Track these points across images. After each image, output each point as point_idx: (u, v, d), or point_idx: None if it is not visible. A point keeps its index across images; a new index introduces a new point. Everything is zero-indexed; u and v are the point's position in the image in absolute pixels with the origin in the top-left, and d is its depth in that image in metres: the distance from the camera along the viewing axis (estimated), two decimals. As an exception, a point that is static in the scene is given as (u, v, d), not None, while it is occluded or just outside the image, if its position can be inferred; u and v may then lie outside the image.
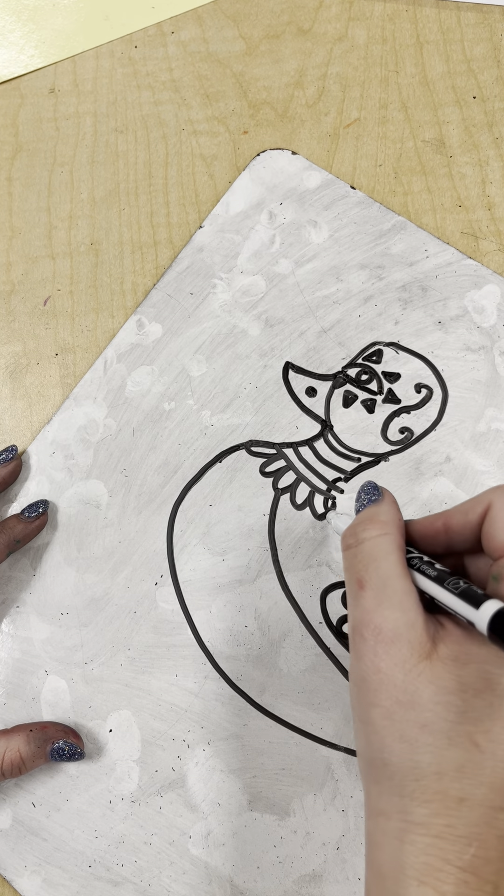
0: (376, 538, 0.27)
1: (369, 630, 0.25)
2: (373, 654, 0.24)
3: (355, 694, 0.25)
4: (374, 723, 0.24)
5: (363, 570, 0.26)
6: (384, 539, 0.27)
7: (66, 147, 0.46)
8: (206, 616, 0.37)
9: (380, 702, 0.24)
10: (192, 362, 0.41)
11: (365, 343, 0.40)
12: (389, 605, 0.25)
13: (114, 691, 0.36)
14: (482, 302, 0.40)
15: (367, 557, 0.26)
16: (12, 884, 0.34)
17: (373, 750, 0.24)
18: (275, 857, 0.34)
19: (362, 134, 0.44)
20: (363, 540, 0.27)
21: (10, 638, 0.37)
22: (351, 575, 0.27)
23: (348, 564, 0.27)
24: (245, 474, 0.39)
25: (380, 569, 0.26)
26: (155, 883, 0.34)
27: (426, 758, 0.23)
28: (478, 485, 0.37)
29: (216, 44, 0.47)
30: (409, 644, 0.24)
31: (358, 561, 0.26)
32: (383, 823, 0.24)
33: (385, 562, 0.26)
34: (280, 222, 0.42)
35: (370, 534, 0.27)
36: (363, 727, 0.25)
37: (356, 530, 0.27)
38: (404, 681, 0.24)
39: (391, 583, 0.25)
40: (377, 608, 0.25)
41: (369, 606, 0.25)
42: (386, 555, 0.26)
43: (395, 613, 0.25)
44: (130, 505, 0.39)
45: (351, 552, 0.27)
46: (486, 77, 0.44)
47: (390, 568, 0.26)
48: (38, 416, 0.41)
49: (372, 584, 0.25)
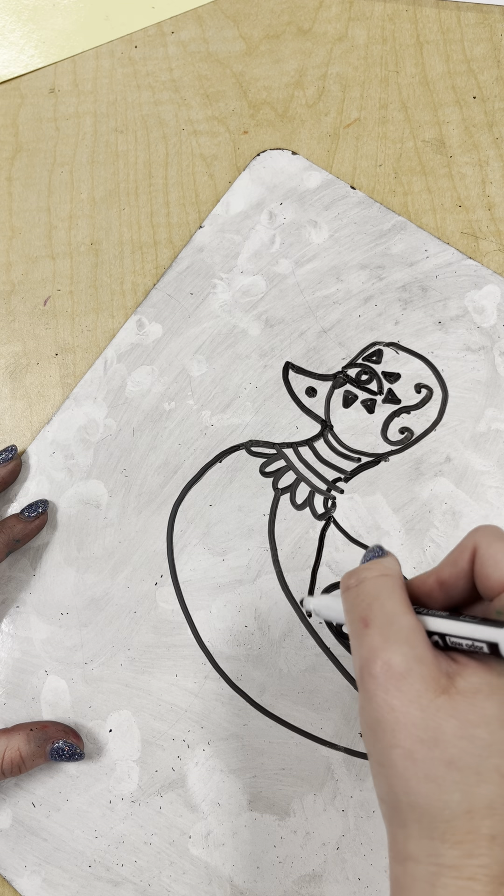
0: (378, 577, 0.26)
1: (378, 666, 0.23)
2: (384, 693, 0.23)
3: (370, 738, 0.24)
4: (394, 765, 0.23)
5: (367, 609, 0.25)
6: (386, 579, 0.26)
7: (66, 147, 0.46)
8: (206, 616, 0.37)
9: (399, 742, 0.23)
10: (192, 362, 0.41)
11: (365, 343, 0.40)
12: (397, 641, 0.24)
13: (114, 691, 0.36)
14: (482, 302, 0.40)
15: (369, 596, 0.25)
16: (12, 884, 0.34)
17: (396, 794, 0.23)
18: (275, 857, 0.34)
19: (362, 134, 0.44)
20: (364, 579, 0.26)
21: (10, 638, 0.37)
22: (354, 615, 0.25)
23: (350, 605, 0.26)
24: (245, 474, 0.39)
25: (384, 606, 0.25)
26: (155, 883, 0.34)
27: (455, 797, 0.22)
28: (478, 485, 0.37)
29: (216, 44, 0.47)
30: (423, 679, 0.23)
31: (360, 600, 0.25)
32: (412, 868, 0.23)
33: (389, 599, 0.25)
34: (280, 222, 0.42)
35: (372, 573, 0.26)
36: (383, 770, 0.23)
37: (357, 571, 0.27)
38: (423, 717, 0.22)
39: (397, 619, 0.24)
40: (384, 644, 0.24)
41: (376, 644, 0.24)
42: (390, 592, 0.25)
43: (403, 648, 0.23)
44: (130, 505, 0.39)
45: (352, 592, 0.26)
46: (486, 77, 0.44)
47: (395, 605, 0.25)
48: (38, 416, 0.41)
49: (377, 622, 0.24)
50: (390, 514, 0.37)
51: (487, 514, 0.37)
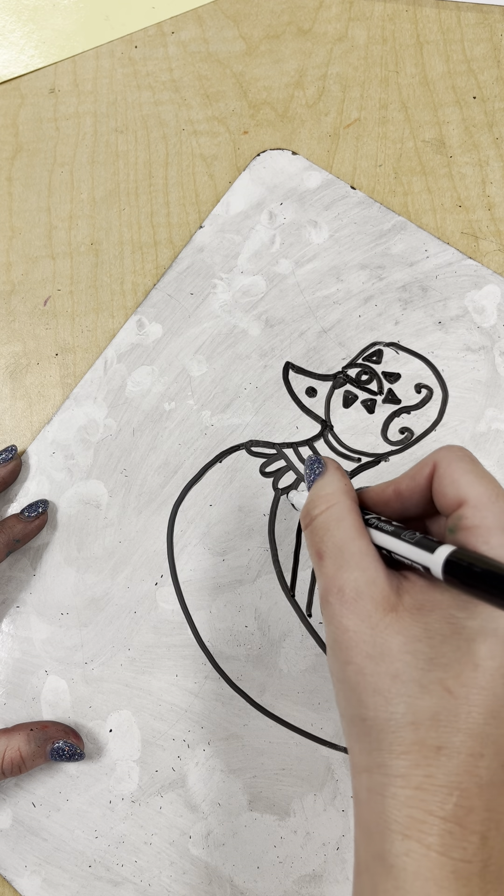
0: (325, 511, 0.27)
1: (333, 594, 0.25)
2: (339, 616, 0.25)
3: (330, 657, 0.25)
4: (348, 680, 0.24)
5: (319, 542, 0.27)
6: (333, 509, 0.27)
7: (66, 147, 0.45)
8: (206, 616, 0.37)
9: (351, 658, 0.24)
10: (192, 362, 0.41)
11: (365, 343, 0.40)
12: (347, 567, 0.25)
13: (114, 691, 0.36)
14: (482, 302, 0.40)
15: (320, 530, 0.27)
16: (12, 884, 0.34)
17: (350, 707, 0.24)
18: (275, 857, 0.34)
19: (362, 134, 0.44)
20: (314, 517, 0.28)
21: (10, 638, 0.37)
22: (311, 551, 0.27)
23: (308, 543, 0.28)
24: (245, 474, 0.39)
25: (334, 537, 0.26)
26: (155, 883, 0.34)
27: (400, 708, 0.23)
28: (478, 485, 0.37)
29: (216, 44, 0.47)
30: (373, 599, 0.24)
31: (314, 535, 0.27)
32: (366, 779, 0.24)
33: (337, 529, 0.26)
34: (280, 222, 0.42)
35: (319, 509, 0.28)
36: (340, 686, 0.25)
37: (308, 510, 0.28)
38: (372, 635, 0.24)
39: (347, 546, 0.26)
40: (337, 572, 0.25)
41: (330, 572, 0.26)
42: (337, 522, 0.27)
43: (354, 573, 0.25)
44: (130, 505, 0.39)
45: (307, 531, 0.28)
46: (486, 77, 0.44)
47: (343, 532, 0.26)
48: (38, 416, 0.41)
49: (329, 553, 0.26)
50: (390, 514, 0.37)
51: (487, 514, 0.37)
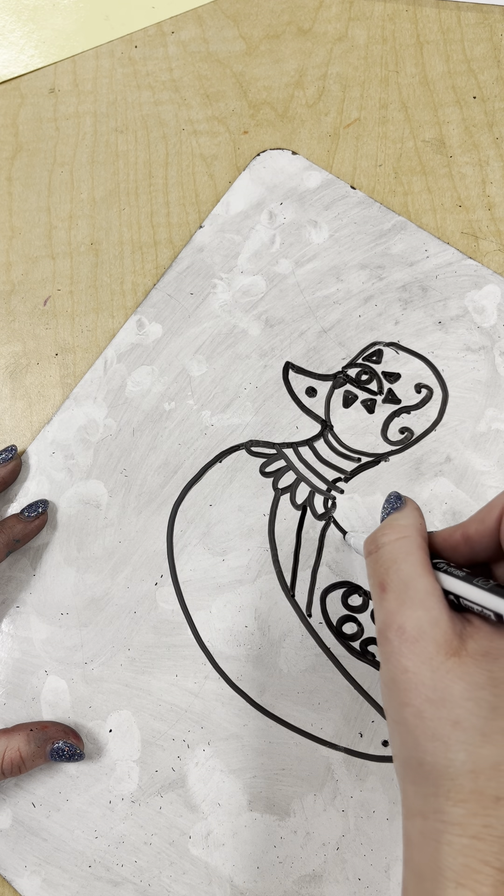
0: (395, 541, 0.27)
1: (393, 631, 0.24)
2: (399, 655, 0.24)
3: (386, 696, 0.25)
4: (406, 722, 0.24)
5: (384, 574, 0.26)
6: (404, 542, 0.27)
7: (66, 147, 0.45)
8: (206, 616, 0.37)
9: (410, 701, 0.23)
10: (192, 362, 0.41)
11: (365, 343, 0.40)
12: (412, 605, 0.25)
13: (114, 691, 0.36)
14: (482, 302, 0.40)
15: (387, 560, 0.26)
16: (12, 884, 0.34)
17: (407, 749, 0.24)
18: (275, 857, 0.34)
19: (362, 134, 0.44)
20: (382, 544, 0.27)
21: (10, 638, 0.37)
22: (373, 580, 0.26)
23: (370, 570, 0.27)
24: (245, 474, 0.39)
25: (400, 570, 0.26)
26: (155, 883, 0.34)
27: (460, 756, 0.22)
28: (478, 485, 0.37)
29: (216, 44, 0.47)
30: (435, 641, 0.24)
31: (379, 565, 0.26)
32: (420, 824, 0.23)
33: (405, 563, 0.26)
34: (280, 222, 0.42)
35: (389, 538, 0.27)
36: (396, 727, 0.24)
37: (376, 536, 0.27)
38: (433, 678, 0.23)
39: (413, 583, 0.25)
40: (399, 608, 0.25)
41: (392, 608, 0.25)
42: (406, 556, 0.26)
43: (417, 612, 0.24)
44: (130, 505, 0.39)
45: (372, 558, 0.27)
46: (486, 77, 0.44)
47: (411, 568, 0.25)
48: (38, 416, 0.41)
49: (393, 586, 0.25)
50: (390, 514, 0.37)
51: (487, 514, 0.37)
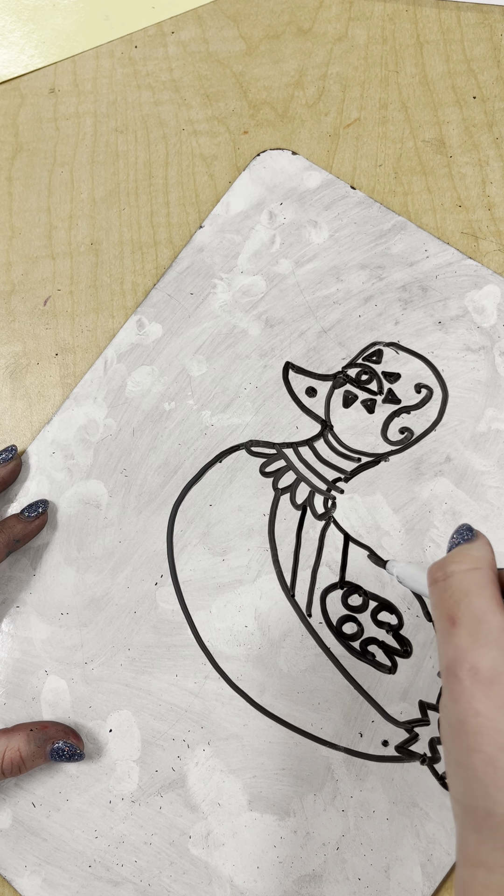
0: (467, 571, 0.25)
1: (464, 670, 0.23)
2: (470, 696, 0.22)
3: (451, 736, 0.23)
4: (474, 769, 0.22)
5: (454, 606, 0.24)
6: (476, 573, 0.25)
7: (66, 147, 0.46)
8: (206, 616, 0.37)
9: (481, 747, 0.22)
10: (192, 362, 0.41)
11: (365, 343, 0.40)
12: (486, 643, 0.23)
13: (114, 691, 0.36)
14: (482, 302, 0.40)
15: (457, 592, 0.24)
16: (12, 884, 0.34)
17: (474, 797, 0.22)
18: (275, 857, 0.34)
19: (362, 134, 0.44)
20: (452, 573, 0.25)
21: (10, 638, 0.37)
22: (441, 611, 0.25)
23: (437, 599, 0.25)
24: (245, 474, 0.39)
25: (472, 604, 0.24)
26: (155, 883, 0.34)
27: None
28: (478, 485, 0.37)
29: (216, 44, 0.47)
30: None
31: (448, 595, 0.25)
32: (484, 876, 0.22)
33: (478, 597, 0.24)
34: (280, 222, 0.42)
35: (461, 567, 0.25)
36: (462, 772, 0.23)
37: (445, 563, 0.26)
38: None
39: (487, 619, 0.23)
40: (472, 646, 0.23)
41: (463, 644, 0.23)
42: (479, 589, 0.24)
43: (493, 652, 0.23)
44: (130, 505, 0.39)
45: (439, 586, 0.25)
46: (486, 77, 0.44)
47: (484, 603, 0.24)
48: (38, 416, 0.41)
49: (465, 621, 0.24)
50: (390, 514, 0.37)
51: (487, 514, 0.37)
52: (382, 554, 0.37)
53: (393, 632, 0.36)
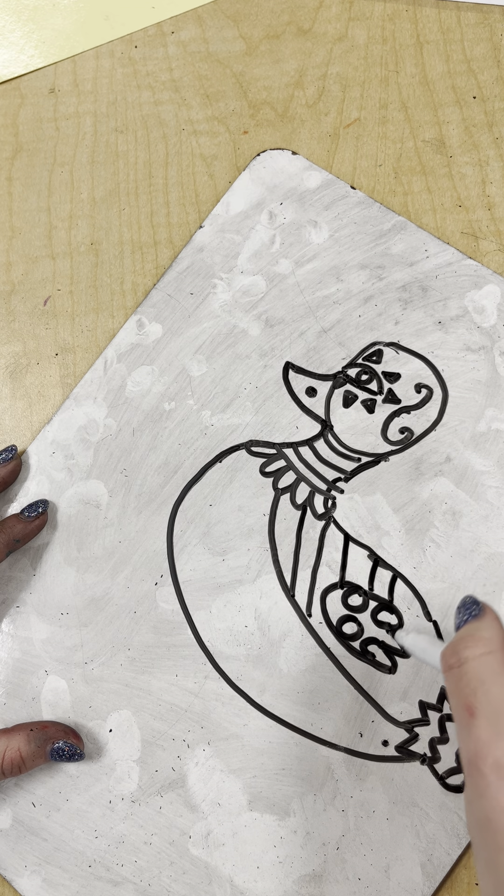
0: (481, 657, 0.24)
1: (488, 765, 0.22)
2: (495, 792, 0.21)
3: (477, 834, 0.22)
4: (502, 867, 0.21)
5: (471, 695, 0.23)
6: (490, 658, 0.24)
7: (66, 147, 0.46)
8: (206, 616, 0.37)
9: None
10: (192, 362, 0.41)
11: (365, 343, 0.40)
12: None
13: (114, 691, 0.36)
14: (482, 302, 0.40)
15: (473, 680, 0.24)
16: (12, 884, 0.34)
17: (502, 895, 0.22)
18: (275, 857, 0.34)
19: (362, 134, 0.44)
20: (466, 659, 0.24)
21: (10, 638, 0.37)
22: (458, 700, 0.24)
23: (453, 688, 0.24)
24: (245, 474, 0.39)
25: (490, 692, 0.23)
26: (155, 883, 0.34)
27: None
28: (478, 485, 0.37)
29: (216, 44, 0.47)
30: None
31: (464, 684, 0.24)
32: None
33: (495, 684, 0.23)
34: (280, 222, 0.42)
35: (474, 652, 0.24)
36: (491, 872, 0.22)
37: (457, 648, 0.25)
38: None
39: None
40: (495, 740, 0.22)
41: (484, 737, 0.22)
42: (495, 676, 0.24)
43: None
44: (130, 505, 0.39)
45: (454, 674, 0.25)
46: (486, 77, 0.44)
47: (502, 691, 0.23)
48: (38, 416, 0.41)
49: (484, 712, 0.23)
50: (390, 514, 0.37)
51: (487, 514, 0.37)
52: (382, 554, 0.37)
53: (393, 632, 0.36)
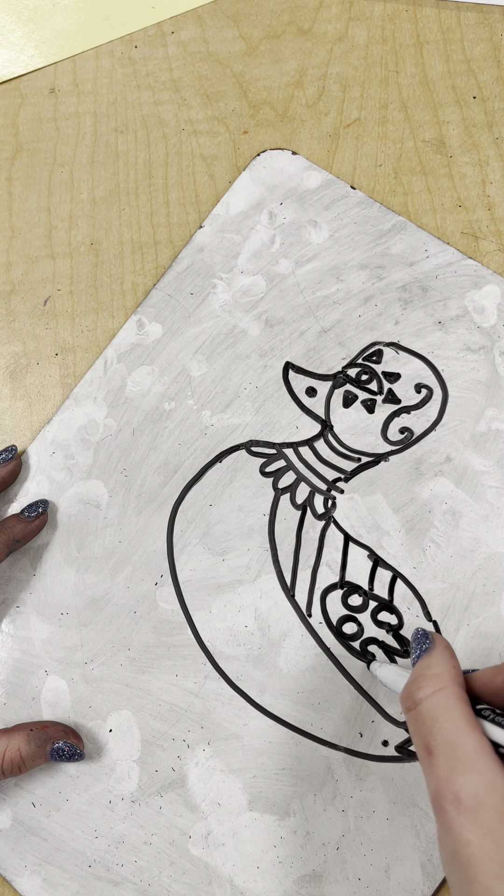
0: (432, 696, 0.25)
1: (448, 801, 0.22)
2: (459, 828, 0.22)
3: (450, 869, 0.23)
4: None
5: (427, 735, 0.24)
6: (441, 695, 0.25)
7: (66, 147, 0.45)
8: (206, 616, 0.37)
9: (476, 877, 0.21)
10: (192, 362, 0.41)
11: (365, 343, 0.40)
12: (462, 770, 0.23)
13: (114, 691, 0.36)
14: (482, 302, 0.40)
15: (428, 720, 0.24)
16: (12, 884, 0.34)
17: None
18: (275, 857, 0.34)
19: (362, 134, 0.44)
20: (420, 700, 0.25)
21: (10, 638, 0.37)
22: (417, 741, 0.25)
23: (412, 730, 0.25)
24: (245, 474, 0.39)
25: (443, 729, 0.24)
26: (155, 883, 0.34)
27: None
28: (478, 485, 0.37)
29: (216, 44, 0.47)
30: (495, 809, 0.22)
31: (420, 725, 0.25)
32: None
33: (447, 721, 0.24)
34: (280, 222, 0.42)
35: (425, 692, 0.25)
36: None
37: (411, 691, 0.26)
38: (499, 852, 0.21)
39: (459, 742, 0.23)
40: (450, 775, 0.23)
41: (442, 774, 0.23)
42: (447, 712, 0.24)
43: (470, 777, 0.22)
44: (130, 505, 0.39)
45: (411, 716, 0.25)
46: (486, 77, 0.44)
47: (454, 725, 0.24)
48: (38, 416, 0.41)
49: (440, 749, 0.23)
50: (390, 514, 0.37)
51: (487, 514, 0.37)
52: (382, 554, 0.37)
53: (393, 632, 0.36)
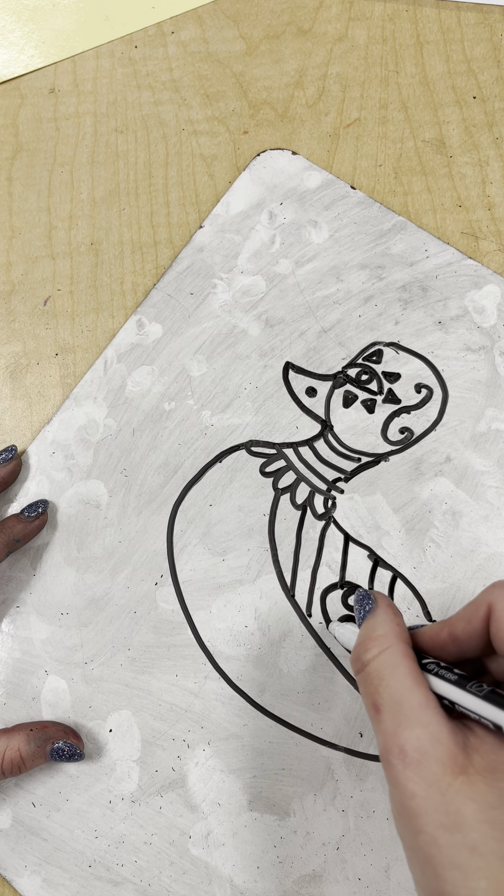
0: (378, 657, 0.26)
1: (394, 754, 0.23)
2: (404, 779, 0.22)
3: (399, 822, 0.23)
4: (421, 850, 0.22)
5: (375, 694, 0.25)
6: (386, 654, 0.25)
7: (66, 147, 0.45)
8: (206, 616, 0.37)
9: (422, 828, 0.22)
10: (192, 362, 0.41)
11: (365, 343, 0.40)
12: (408, 724, 0.23)
13: (114, 691, 0.36)
14: (482, 302, 0.40)
15: (374, 679, 0.25)
16: (12, 884, 0.34)
17: (426, 879, 0.22)
18: (275, 857, 0.34)
19: (362, 134, 0.44)
20: (367, 662, 0.26)
21: (10, 638, 0.37)
22: (367, 701, 0.25)
23: (362, 691, 0.26)
24: (245, 474, 0.39)
25: (389, 687, 0.24)
26: (155, 883, 0.34)
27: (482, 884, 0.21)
28: (478, 485, 0.37)
29: (216, 44, 0.47)
30: (439, 761, 0.22)
31: (368, 684, 0.25)
32: None
33: (392, 678, 0.24)
34: (280, 222, 0.42)
35: (371, 653, 0.26)
36: (413, 854, 0.23)
37: (359, 653, 0.26)
38: (443, 801, 0.22)
39: (405, 699, 0.24)
40: (396, 729, 0.23)
41: (388, 729, 0.24)
42: (392, 670, 0.25)
43: (416, 731, 0.23)
44: (130, 505, 0.39)
45: (360, 678, 0.26)
46: (486, 77, 0.44)
47: (399, 682, 0.24)
48: (38, 416, 0.41)
49: (386, 706, 0.24)
50: (390, 514, 0.37)
51: (487, 514, 0.37)
52: (382, 554, 0.37)
53: None
